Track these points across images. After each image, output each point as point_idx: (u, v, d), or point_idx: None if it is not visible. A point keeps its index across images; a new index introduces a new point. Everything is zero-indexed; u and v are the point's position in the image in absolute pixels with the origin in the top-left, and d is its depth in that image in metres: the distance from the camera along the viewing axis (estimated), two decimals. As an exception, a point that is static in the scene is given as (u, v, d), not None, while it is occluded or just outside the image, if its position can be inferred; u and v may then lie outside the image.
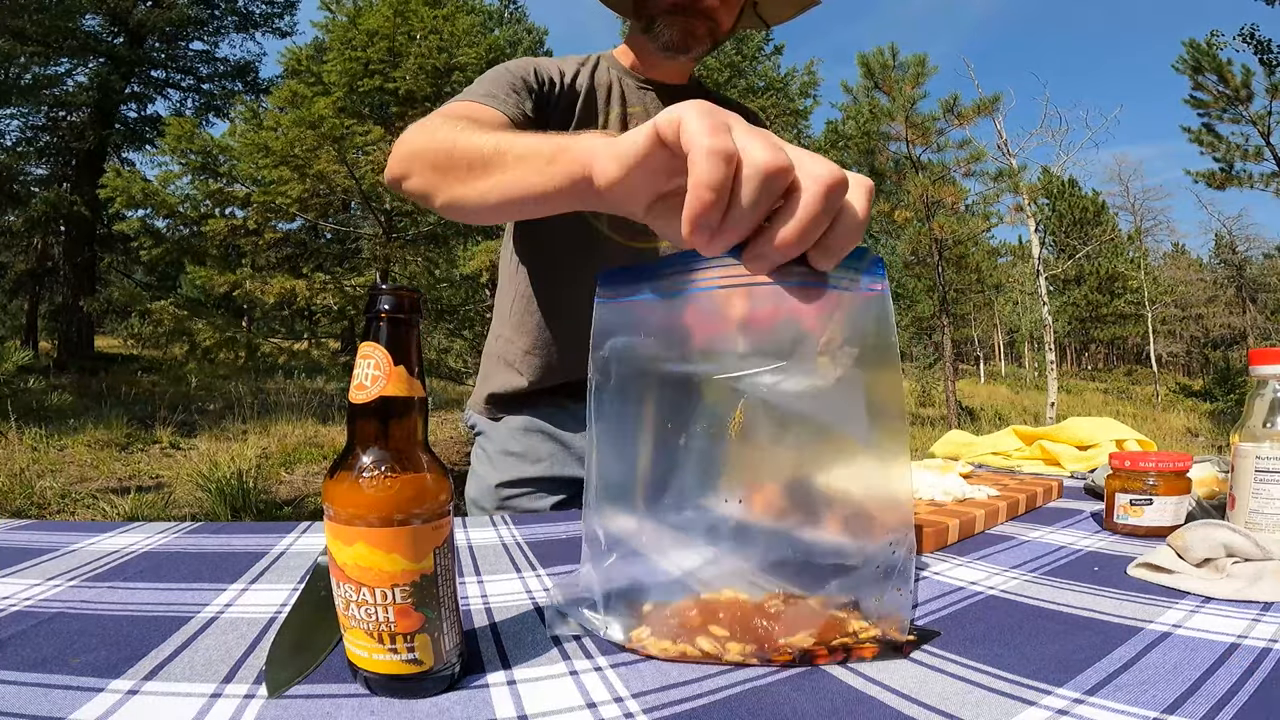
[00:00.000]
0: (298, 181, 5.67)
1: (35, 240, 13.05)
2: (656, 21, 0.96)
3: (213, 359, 5.83)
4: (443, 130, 0.67)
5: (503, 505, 1.05)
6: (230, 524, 0.75)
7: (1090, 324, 23.93)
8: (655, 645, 0.43)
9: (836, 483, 0.46)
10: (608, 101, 1.01)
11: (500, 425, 1.08)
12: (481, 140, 0.60)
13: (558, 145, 0.51)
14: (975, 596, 0.54)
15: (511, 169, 0.56)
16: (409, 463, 0.37)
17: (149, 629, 0.45)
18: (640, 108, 1.03)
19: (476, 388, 1.15)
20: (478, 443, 1.12)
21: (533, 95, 0.91)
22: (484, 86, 0.88)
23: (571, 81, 0.98)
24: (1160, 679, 0.39)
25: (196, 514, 4.54)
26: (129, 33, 12.78)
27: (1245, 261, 24.61)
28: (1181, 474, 0.71)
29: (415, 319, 0.39)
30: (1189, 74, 12.86)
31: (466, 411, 1.18)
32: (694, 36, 0.96)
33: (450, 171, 0.63)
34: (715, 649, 0.42)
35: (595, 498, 0.47)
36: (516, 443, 1.07)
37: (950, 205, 10.42)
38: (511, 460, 1.05)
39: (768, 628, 0.42)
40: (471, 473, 1.11)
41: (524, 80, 0.91)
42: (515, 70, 0.92)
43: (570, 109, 0.98)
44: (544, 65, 0.97)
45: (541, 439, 1.06)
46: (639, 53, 1.04)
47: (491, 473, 1.06)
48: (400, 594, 0.36)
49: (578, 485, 1.10)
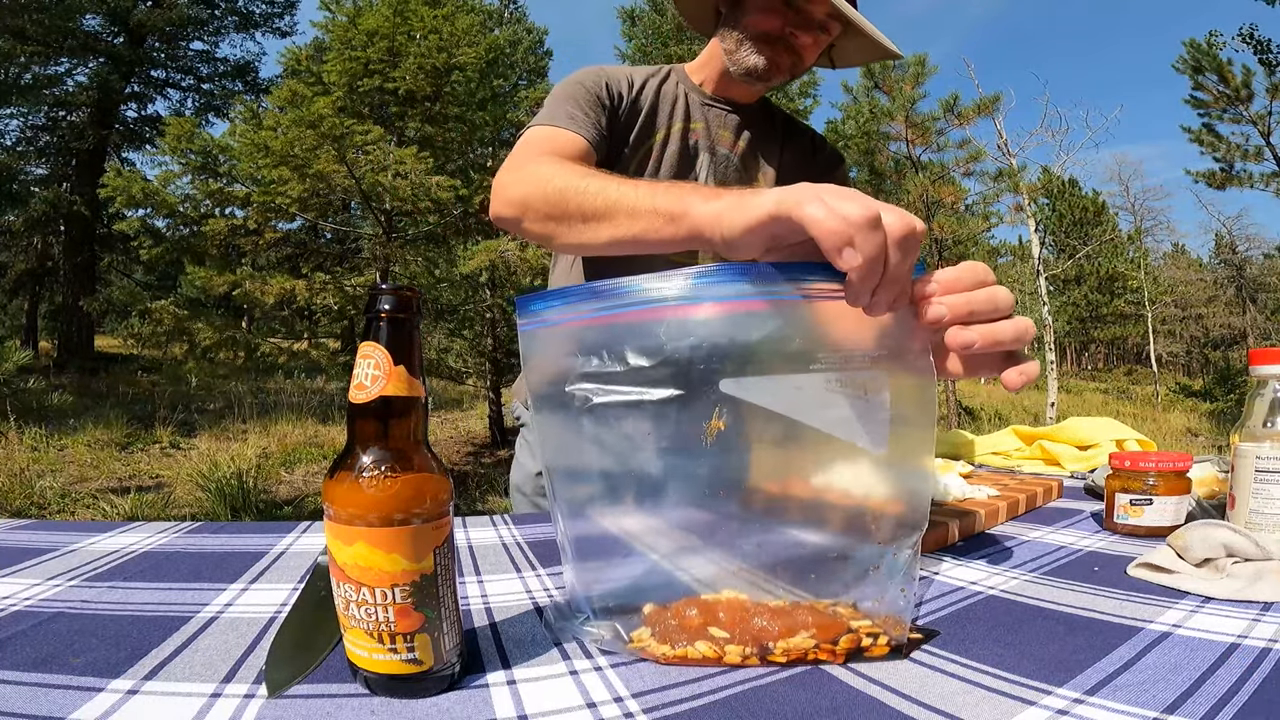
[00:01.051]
0: (297, 181, 5.66)
1: (35, 240, 13.06)
2: (743, 46, 0.97)
3: (212, 359, 5.83)
4: (545, 176, 0.73)
5: (541, 492, 1.08)
6: (230, 524, 0.75)
7: (1090, 324, 23.92)
8: (656, 648, 0.43)
9: (837, 483, 0.46)
10: (670, 115, 1.02)
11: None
12: (591, 192, 0.67)
13: (672, 206, 0.58)
14: (975, 596, 0.54)
15: (627, 222, 0.62)
16: (409, 463, 0.37)
17: (149, 629, 0.45)
18: (702, 124, 1.04)
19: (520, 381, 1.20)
20: (521, 433, 1.17)
21: (605, 110, 0.95)
22: (564, 107, 0.92)
23: (638, 93, 1.01)
24: (1160, 679, 0.39)
25: (196, 514, 4.54)
26: (129, 33, 12.77)
27: (1245, 261, 24.60)
28: (1181, 474, 0.71)
29: (415, 319, 0.39)
30: (1189, 74, 12.86)
31: (514, 402, 1.23)
32: (777, 67, 0.97)
33: (565, 220, 0.70)
34: (715, 651, 0.42)
35: (582, 500, 0.47)
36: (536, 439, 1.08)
37: (950, 205, 10.41)
38: None
39: (768, 628, 0.42)
40: (515, 461, 1.16)
41: (597, 97, 0.95)
42: (590, 86, 0.95)
43: (634, 119, 1.00)
44: (614, 77, 0.99)
45: None
46: (715, 71, 1.04)
47: (531, 461, 1.10)
48: (400, 594, 0.36)
49: None
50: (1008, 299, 0.46)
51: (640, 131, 1.00)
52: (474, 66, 6.69)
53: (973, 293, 0.45)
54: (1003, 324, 0.45)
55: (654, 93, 1.02)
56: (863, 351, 0.45)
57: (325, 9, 7.48)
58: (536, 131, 0.90)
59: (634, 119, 1.00)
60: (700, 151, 1.03)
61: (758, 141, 1.07)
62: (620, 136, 0.99)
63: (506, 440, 7.18)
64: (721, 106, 1.05)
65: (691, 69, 1.07)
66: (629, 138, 0.99)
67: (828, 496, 0.46)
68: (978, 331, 0.44)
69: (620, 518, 0.47)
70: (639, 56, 10.70)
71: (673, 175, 1.01)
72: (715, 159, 1.04)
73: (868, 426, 0.44)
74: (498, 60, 8.25)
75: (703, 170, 1.03)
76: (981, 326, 0.45)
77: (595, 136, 0.91)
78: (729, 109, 1.05)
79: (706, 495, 0.45)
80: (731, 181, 1.05)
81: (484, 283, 7.29)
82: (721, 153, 1.04)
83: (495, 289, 7.33)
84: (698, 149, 1.03)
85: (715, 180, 1.04)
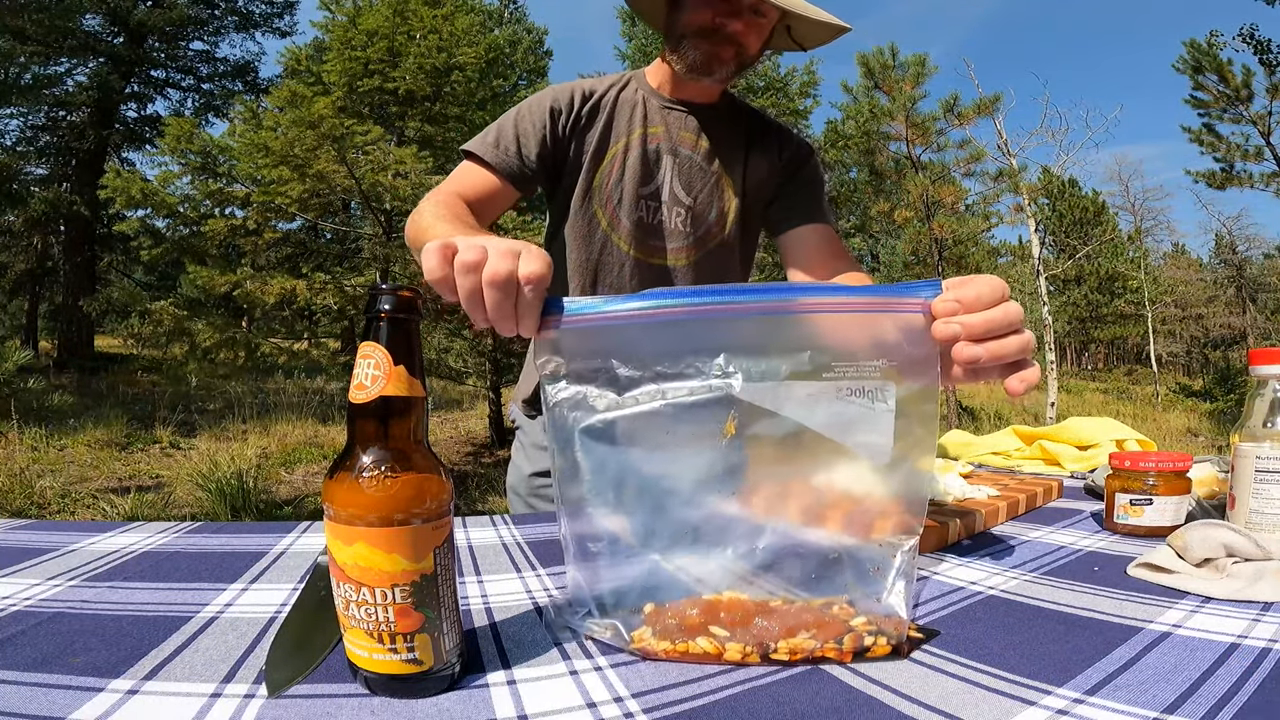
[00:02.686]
0: (297, 181, 5.65)
1: (35, 240, 13.05)
2: (684, 43, 0.97)
3: (213, 359, 5.82)
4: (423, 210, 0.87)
5: (535, 493, 1.12)
6: (230, 524, 0.75)
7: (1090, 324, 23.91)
8: (657, 644, 0.43)
9: (838, 484, 0.46)
10: (629, 121, 1.04)
11: (535, 423, 1.16)
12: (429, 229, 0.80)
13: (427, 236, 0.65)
14: (975, 596, 0.54)
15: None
16: (409, 463, 0.37)
17: (149, 629, 0.45)
18: (662, 127, 1.04)
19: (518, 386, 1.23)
20: (517, 436, 1.20)
21: (544, 130, 1.00)
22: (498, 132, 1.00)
23: (596, 103, 1.03)
24: (1160, 679, 0.39)
25: (196, 514, 4.54)
26: (129, 33, 12.77)
27: (1245, 261, 24.58)
28: (1181, 474, 0.71)
29: (415, 319, 0.39)
30: (1189, 74, 12.85)
31: (510, 406, 1.27)
32: (719, 60, 0.97)
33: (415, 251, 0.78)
34: (716, 647, 0.42)
35: (583, 501, 0.47)
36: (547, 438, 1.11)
37: (950, 205, 10.40)
38: (543, 454, 1.12)
39: (768, 628, 0.43)
40: (511, 463, 1.20)
41: (536, 122, 1.00)
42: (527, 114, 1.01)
43: (590, 129, 1.03)
44: (564, 94, 1.03)
45: None
46: (670, 73, 1.05)
47: (526, 464, 1.14)
48: (400, 594, 0.36)
49: None
50: (1019, 314, 0.47)
51: (600, 141, 1.02)
52: (474, 66, 6.69)
53: (990, 311, 0.46)
54: (1009, 340, 0.46)
55: (613, 101, 1.03)
56: (873, 361, 0.45)
57: (325, 9, 7.49)
58: (459, 169, 1.01)
59: (590, 129, 1.02)
60: (663, 154, 1.04)
61: (720, 140, 1.07)
62: (577, 148, 1.02)
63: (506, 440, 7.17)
64: (680, 109, 1.06)
65: (650, 73, 1.08)
66: (589, 148, 1.02)
67: (829, 497, 0.46)
68: (985, 348, 0.45)
69: (624, 518, 0.47)
70: (639, 56, 10.70)
71: (637, 181, 1.03)
72: (678, 160, 1.05)
73: (874, 435, 0.45)
74: (497, 60, 8.25)
75: (666, 173, 1.04)
76: (990, 343, 0.46)
77: (513, 166, 0.98)
78: (686, 110, 1.06)
79: (714, 496, 0.46)
80: (697, 180, 1.06)
81: (484, 283, 7.25)
82: (684, 154, 1.05)
83: (495, 289, 7.29)
84: (659, 153, 1.04)
85: (681, 181, 1.05)
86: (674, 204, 1.05)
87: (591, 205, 1.03)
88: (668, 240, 1.05)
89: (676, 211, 1.05)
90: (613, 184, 1.02)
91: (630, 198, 1.02)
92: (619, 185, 1.02)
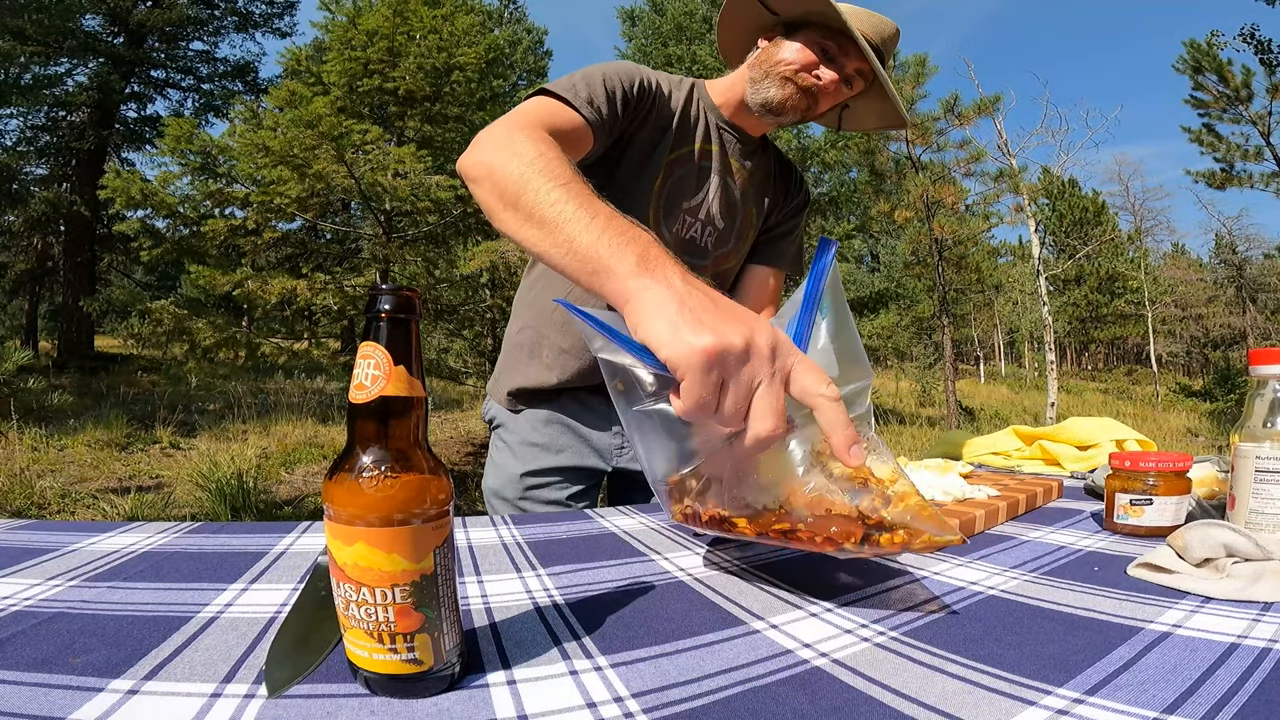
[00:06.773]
0: (297, 181, 5.65)
1: (35, 240, 13.05)
2: (768, 79, 0.99)
3: (213, 359, 5.82)
4: (520, 154, 0.69)
5: (526, 494, 1.07)
6: (230, 524, 0.75)
7: (1090, 324, 23.93)
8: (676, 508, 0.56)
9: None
10: (693, 132, 1.04)
11: (520, 417, 1.10)
12: (547, 201, 0.63)
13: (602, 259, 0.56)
14: (975, 596, 0.54)
15: (557, 249, 0.61)
16: (409, 463, 0.37)
17: (149, 629, 0.45)
18: (717, 146, 1.06)
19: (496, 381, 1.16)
20: (496, 435, 1.14)
21: (627, 106, 0.93)
22: (585, 84, 0.88)
23: (667, 101, 1.02)
24: (1160, 679, 0.39)
25: (196, 514, 4.53)
26: (129, 33, 12.76)
27: (1245, 261, 24.57)
28: (1181, 474, 0.71)
29: (415, 319, 0.39)
30: (1189, 74, 12.85)
31: (486, 403, 1.19)
32: (793, 107, 0.99)
33: (511, 209, 0.67)
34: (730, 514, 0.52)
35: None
36: (538, 434, 1.08)
37: (950, 205, 10.39)
38: (534, 450, 1.07)
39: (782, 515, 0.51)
40: (491, 464, 1.13)
41: (623, 90, 0.92)
42: (615, 76, 0.92)
43: (665, 128, 1.01)
44: (650, 78, 0.99)
45: (562, 430, 1.09)
46: (734, 98, 1.05)
47: (514, 462, 1.08)
48: (400, 594, 0.36)
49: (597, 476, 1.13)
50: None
51: (663, 140, 1.01)
52: (474, 67, 6.69)
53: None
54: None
55: (680, 106, 1.03)
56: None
57: (325, 9, 7.49)
58: (540, 102, 0.85)
59: (657, 123, 1.00)
60: (712, 174, 1.05)
61: (756, 174, 1.11)
62: (641, 138, 0.99)
63: (506, 440, 7.15)
64: (733, 133, 1.07)
65: (713, 89, 1.08)
66: (649, 140, 1.00)
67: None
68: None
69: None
70: (639, 56, 10.69)
71: (684, 193, 1.03)
72: (723, 184, 1.06)
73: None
74: (497, 60, 8.24)
75: (711, 192, 1.05)
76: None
77: (599, 123, 0.88)
78: (738, 137, 1.07)
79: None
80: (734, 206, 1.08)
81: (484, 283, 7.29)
82: (729, 178, 1.07)
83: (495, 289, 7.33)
84: (709, 171, 1.05)
85: (720, 203, 1.06)
86: (709, 223, 1.06)
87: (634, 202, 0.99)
88: (693, 256, 1.06)
89: (709, 231, 1.07)
90: (659, 187, 1.02)
91: (674, 207, 1.03)
92: (664, 191, 1.02)
